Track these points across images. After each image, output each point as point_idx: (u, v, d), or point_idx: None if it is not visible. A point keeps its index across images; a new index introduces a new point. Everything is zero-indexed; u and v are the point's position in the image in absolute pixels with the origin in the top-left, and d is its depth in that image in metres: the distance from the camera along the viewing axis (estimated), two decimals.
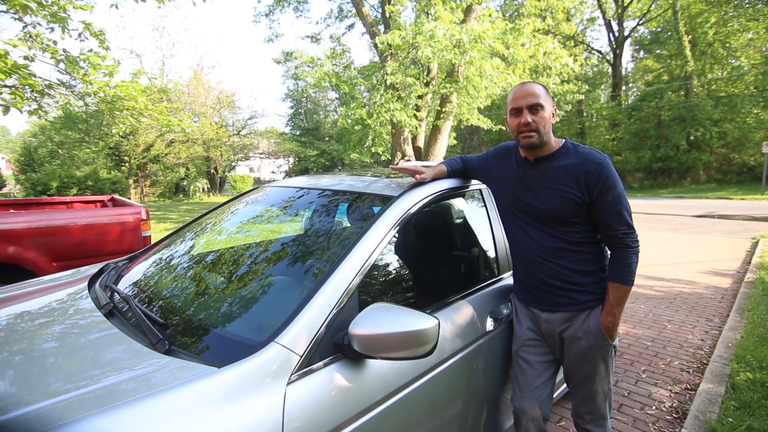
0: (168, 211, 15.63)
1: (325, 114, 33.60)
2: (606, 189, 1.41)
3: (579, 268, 1.51)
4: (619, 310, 1.48)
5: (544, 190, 1.49)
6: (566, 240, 1.50)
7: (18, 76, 4.57)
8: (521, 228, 1.58)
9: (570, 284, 1.51)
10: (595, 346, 1.52)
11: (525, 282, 1.62)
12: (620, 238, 1.44)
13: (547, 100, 1.46)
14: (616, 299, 1.47)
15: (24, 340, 1.27)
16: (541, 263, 1.54)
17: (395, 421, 1.22)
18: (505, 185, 1.63)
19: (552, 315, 1.57)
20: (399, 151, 9.41)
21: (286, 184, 2.13)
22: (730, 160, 21.99)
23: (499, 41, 7.61)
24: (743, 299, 4.33)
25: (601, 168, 1.41)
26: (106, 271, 1.89)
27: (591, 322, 1.51)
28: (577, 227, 1.49)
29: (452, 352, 1.43)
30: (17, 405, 0.92)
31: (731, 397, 2.50)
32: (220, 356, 1.06)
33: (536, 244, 1.54)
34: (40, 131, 26.22)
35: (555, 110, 1.52)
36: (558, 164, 1.48)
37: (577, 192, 1.43)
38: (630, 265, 1.45)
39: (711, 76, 23.25)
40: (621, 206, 1.43)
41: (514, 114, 1.49)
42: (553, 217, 1.49)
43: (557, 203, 1.47)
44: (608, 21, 25.58)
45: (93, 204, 5.01)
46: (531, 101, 1.44)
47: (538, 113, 1.44)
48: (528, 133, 1.45)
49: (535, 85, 1.47)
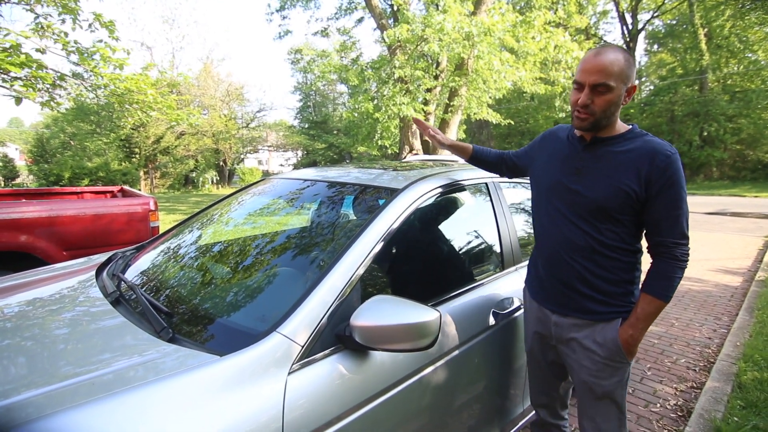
0: (177, 202, 15.78)
1: (333, 107, 33.54)
2: (668, 187, 1.23)
3: (605, 275, 1.33)
4: (644, 326, 1.31)
5: (595, 175, 1.31)
6: (600, 241, 1.31)
7: (30, 69, 4.63)
8: (552, 218, 1.40)
9: (592, 291, 1.35)
10: (609, 362, 1.35)
11: (543, 278, 1.46)
12: (669, 248, 1.27)
13: (619, 79, 1.22)
14: (646, 314, 1.30)
15: (34, 326, 1.30)
16: (565, 261, 1.37)
17: (395, 412, 1.23)
18: (547, 167, 1.44)
19: (563, 319, 1.42)
20: (407, 144, 9.39)
21: (292, 176, 2.13)
22: (744, 156, 21.59)
23: (509, 34, 7.52)
24: (753, 298, 4.28)
25: (669, 162, 1.22)
26: (114, 260, 1.92)
27: (608, 335, 1.34)
28: (618, 227, 1.30)
29: (453, 345, 1.43)
30: (26, 388, 0.94)
31: (737, 396, 2.48)
32: (223, 345, 1.08)
33: (565, 239, 1.36)
34: (52, 122, 26.53)
35: (633, 88, 1.27)
36: (618, 149, 1.29)
37: (633, 183, 1.25)
38: (672, 280, 1.27)
39: (727, 71, 22.78)
40: (680, 211, 1.25)
41: (576, 87, 1.29)
42: (597, 209, 1.30)
43: (606, 193, 1.28)
44: (622, 13, 25.10)
45: (103, 195, 5.07)
46: (596, 80, 1.22)
47: (602, 95, 1.23)
48: (583, 115, 1.27)
49: (608, 58, 1.21)
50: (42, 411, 0.86)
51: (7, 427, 0.82)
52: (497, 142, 27.08)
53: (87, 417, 0.84)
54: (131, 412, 0.86)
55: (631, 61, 1.25)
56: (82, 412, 0.85)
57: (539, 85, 9.14)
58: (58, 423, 0.83)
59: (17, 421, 0.83)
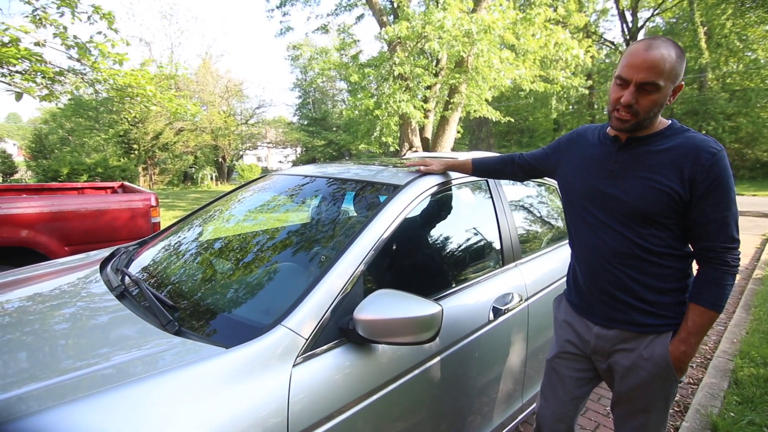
0: (176, 198, 15.76)
1: (332, 104, 33.49)
2: (715, 187, 1.12)
3: (652, 284, 1.22)
4: (697, 341, 1.19)
5: (632, 178, 1.20)
6: (643, 247, 1.20)
7: (30, 62, 4.63)
8: (589, 225, 1.30)
9: (637, 300, 1.24)
10: (656, 378, 1.24)
11: (582, 287, 1.35)
12: (719, 253, 1.16)
13: (669, 78, 1.11)
14: (697, 327, 1.18)
15: (43, 319, 1.31)
16: (607, 270, 1.26)
17: (397, 405, 1.25)
18: (578, 170, 1.35)
19: (606, 331, 1.30)
20: (406, 141, 9.39)
21: (294, 172, 2.15)
22: (743, 155, 21.65)
23: (509, 31, 7.51)
24: (750, 295, 4.31)
25: (715, 160, 1.11)
26: (117, 255, 1.93)
27: (656, 350, 1.23)
28: (663, 231, 1.19)
29: (454, 340, 1.45)
30: (35, 380, 0.96)
31: (734, 392, 2.50)
32: (228, 338, 1.09)
33: (605, 246, 1.25)
34: (50, 118, 26.43)
35: (680, 87, 1.16)
36: (657, 148, 1.19)
37: (676, 185, 1.14)
38: (724, 288, 1.16)
39: (726, 69, 22.79)
40: (728, 213, 1.14)
41: (619, 83, 1.16)
42: (636, 214, 1.20)
43: (644, 195, 1.18)
44: (622, 11, 25.06)
45: (103, 190, 5.08)
46: (645, 78, 1.10)
47: (649, 95, 1.12)
48: (624, 116, 1.16)
49: (661, 54, 1.09)
50: (52, 401, 0.87)
51: (10, 419, 0.83)
52: (497, 140, 27.08)
53: (97, 407, 0.86)
54: (140, 402, 0.88)
55: (683, 57, 1.14)
56: (91, 402, 0.87)
57: (538, 83, 9.14)
58: (68, 413, 0.84)
59: (23, 412, 0.85)
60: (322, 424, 1.04)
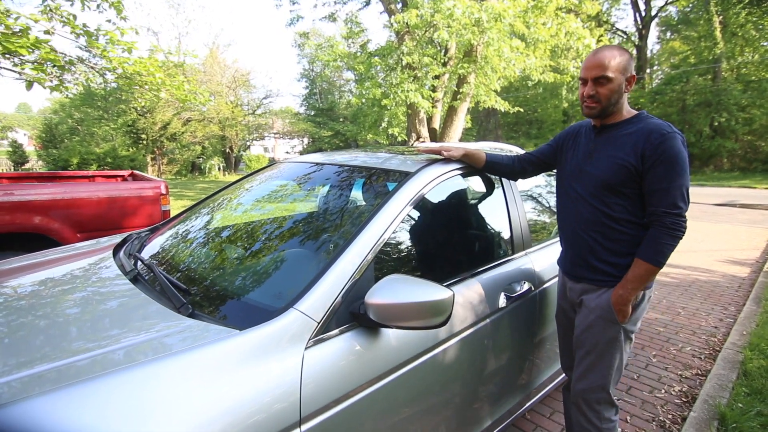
0: (184, 188, 15.87)
1: (339, 94, 33.33)
2: (661, 162, 1.36)
3: (613, 248, 1.48)
4: (633, 287, 1.43)
5: (603, 156, 1.48)
6: (607, 214, 1.47)
7: (39, 51, 4.64)
8: (571, 198, 1.59)
9: (599, 262, 1.51)
10: (600, 320, 1.50)
11: (565, 251, 1.66)
12: (659, 216, 1.38)
13: (618, 70, 1.42)
14: (634, 276, 1.42)
15: (51, 304, 1.33)
16: (579, 236, 1.55)
17: (407, 389, 1.26)
18: (570, 156, 1.63)
19: (575, 284, 1.61)
20: (414, 131, 9.34)
21: (303, 160, 2.15)
22: (756, 147, 21.23)
23: (519, 20, 7.40)
24: (761, 288, 4.27)
25: (663, 139, 1.36)
26: (130, 241, 1.96)
27: (603, 296, 1.50)
28: (625, 200, 1.45)
29: (464, 326, 1.46)
30: (45, 360, 0.98)
31: (742, 384, 2.50)
32: (241, 321, 1.10)
33: (579, 215, 1.54)
34: (60, 108, 26.63)
35: (633, 77, 1.46)
36: (623, 132, 1.47)
37: (632, 159, 1.40)
38: (660, 245, 1.38)
39: (741, 60, 22.29)
40: (672, 184, 1.36)
41: (582, 83, 1.50)
42: (602, 184, 1.46)
43: (609, 169, 1.45)
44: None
45: (114, 178, 5.12)
46: (595, 74, 1.43)
47: (604, 86, 1.43)
48: (590, 104, 1.48)
49: (605, 55, 1.43)
50: (65, 381, 0.89)
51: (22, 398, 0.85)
52: (504, 131, 26.85)
53: (113, 387, 0.88)
54: (156, 382, 0.90)
55: (627, 55, 1.44)
56: (108, 381, 0.89)
57: (548, 73, 9.01)
58: (86, 390, 0.86)
59: (35, 392, 0.87)
60: (333, 406, 1.06)
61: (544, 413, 2.29)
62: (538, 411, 2.30)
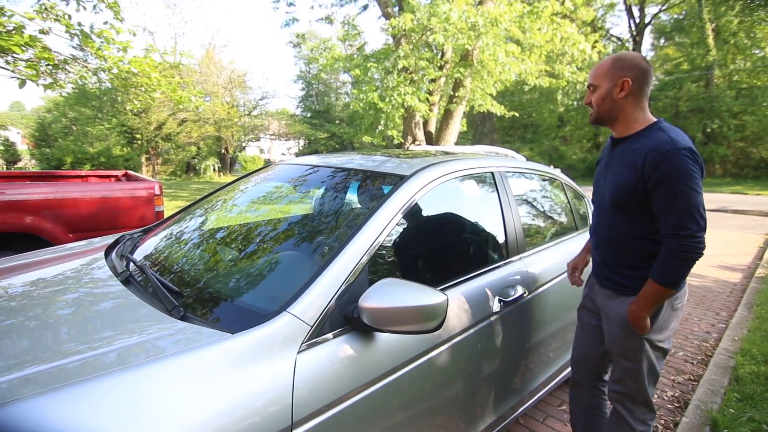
0: (179, 189, 15.78)
1: (336, 96, 33.34)
2: (661, 183, 1.31)
3: (627, 261, 1.49)
4: (645, 305, 1.40)
5: (612, 172, 1.49)
6: (617, 230, 1.48)
7: (33, 50, 4.61)
8: (596, 208, 1.65)
9: (615, 273, 1.53)
10: (622, 332, 1.50)
11: (594, 255, 1.69)
12: (667, 238, 1.33)
13: (605, 78, 1.45)
14: (646, 294, 1.39)
15: (41, 305, 1.32)
16: (599, 245, 1.61)
17: (400, 394, 1.26)
18: (598, 169, 1.66)
19: (600, 289, 1.62)
20: (410, 135, 9.36)
21: (298, 162, 2.14)
22: (748, 154, 21.51)
23: (515, 24, 7.45)
24: (752, 294, 4.31)
25: (661, 159, 1.30)
26: (122, 242, 1.94)
27: (623, 307, 1.49)
28: (633, 217, 1.43)
29: (458, 330, 1.46)
30: (35, 362, 0.96)
31: (734, 389, 2.51)
32: (234, 324, 1.09)
33: (598, 226, 1.60)
34: (54, 107, 26.40)
35: (625, 83, 1.42)
36: (630, 147, 1.44)
37: (631, 179, 1.38)
38: (668, 267, 1.34)
39: (733, 67, 22.55)
40: (675, 205, 1.30)
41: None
42: (611, 200, 1.47)
43: (615, 187, 1.45)
44: (629, 6, 24.82)
45: (108, 178, 5.08)
46: (588, 82, 1.53)
47: (593, 93, 1.50)
48: (590, 111, 1.54)
49: (598, 65, 1.50)
50: (55, 384, 0.88)
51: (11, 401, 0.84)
52: (500, 135, 26.95)
53: (103, 389, 0.87)
54: (147, 385, 0.89)
55: (618, 61, 1.45)
56: (98, 384, 0.87)
57: (544, 78, 9.07)
58: (74, 395, 0.85)
59: (25, 394, 0.85)
60: (326, 410, 1.05)
61: (537, 418, 2.29)
62: (532, 416, 2.30)
